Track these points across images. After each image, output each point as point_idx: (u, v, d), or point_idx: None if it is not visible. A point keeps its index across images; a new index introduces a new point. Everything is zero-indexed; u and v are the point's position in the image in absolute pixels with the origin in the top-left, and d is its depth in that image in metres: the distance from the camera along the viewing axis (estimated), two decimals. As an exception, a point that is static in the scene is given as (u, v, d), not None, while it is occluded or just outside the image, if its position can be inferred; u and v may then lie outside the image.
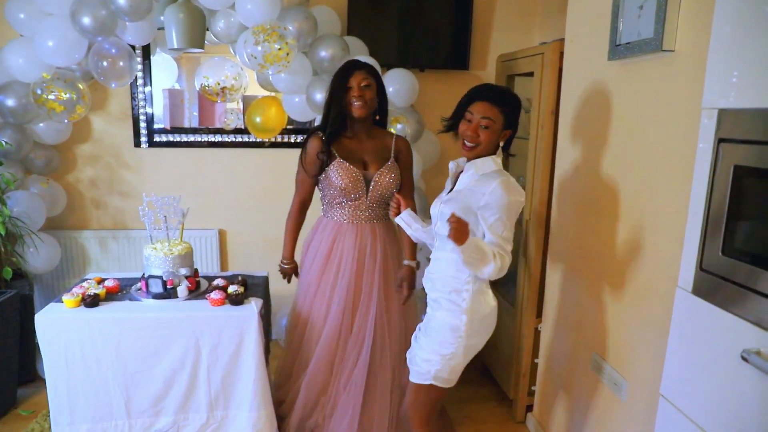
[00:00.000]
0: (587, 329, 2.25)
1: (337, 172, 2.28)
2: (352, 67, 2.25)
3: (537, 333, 2.75)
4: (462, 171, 1.94)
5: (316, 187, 2.40)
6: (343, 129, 2.31)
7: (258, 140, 3.41)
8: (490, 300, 1.94)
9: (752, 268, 1.18)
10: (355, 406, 2.32)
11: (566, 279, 2.43)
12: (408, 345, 2.27)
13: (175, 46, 2.38)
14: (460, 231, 1.67)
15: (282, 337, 3.10)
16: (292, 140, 3.43)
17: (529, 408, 2.87)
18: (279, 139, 3.41)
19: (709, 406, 1.25)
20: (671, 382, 1.40)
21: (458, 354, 1.89)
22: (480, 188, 1.81)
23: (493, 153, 1.87)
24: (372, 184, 2.31)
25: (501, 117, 1.82)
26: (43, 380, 3.07)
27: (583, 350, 2.27)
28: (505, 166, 1.98)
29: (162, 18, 2.71)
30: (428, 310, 2.01)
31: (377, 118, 2.38)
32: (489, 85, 1.91)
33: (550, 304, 2.58)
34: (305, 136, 2.37)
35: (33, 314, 3.10)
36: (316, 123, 3.04)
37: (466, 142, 1.86)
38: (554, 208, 2.54)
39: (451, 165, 1.99)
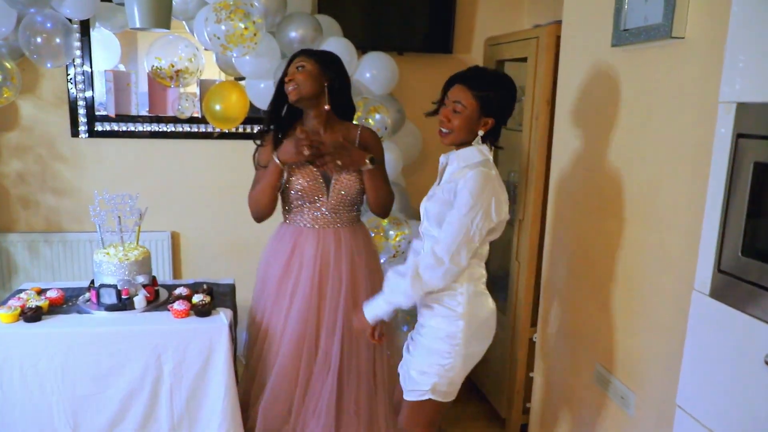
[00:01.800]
0: (589, 338, 2.35)
1: (292, 171, 2.32)
2: (294, 55, 2.33)
3: (532, 344, 2.85)
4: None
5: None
6: (292, 122, 2.37)
7: (217, 130, 3.41)
8: (489, 302, 2.01)
9: (774, 268, 1.28)
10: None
11: (565, 284, 2.54)
12: (386, 358, 2.33)
13: (138, 26, 2.38)
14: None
15: (244, 353, 3.11)
16: (255, 130, 3.44)
17: (524, 428, 2.97)
18: (240, 130, 3.43)
19: (731, 414, 1.35)
20: (688, 392, 1.50)
21: (457, 364, 1.95)
22: (457, 181, 1.88)
23: (471, 142, 1.93)
24: (332, 182, 2.33)
25: (474, 102, 1.87)
26: (-34, 408, 3.02)
27: (585, 362, 2.38)
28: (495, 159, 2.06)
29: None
30: (419, 318, 2.07)
31: (327, 107, 2.31)
32: (473, 67, 1.98)
33: (547, 311, 2.68)
34: (258, 133, 2.43)
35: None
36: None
37: (439, 128, 1.94)
38: (551, 205, 2.64)
39: (442, 158, 2.06)
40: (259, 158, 2.40)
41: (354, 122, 2.49)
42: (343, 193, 2.34)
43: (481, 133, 1.91)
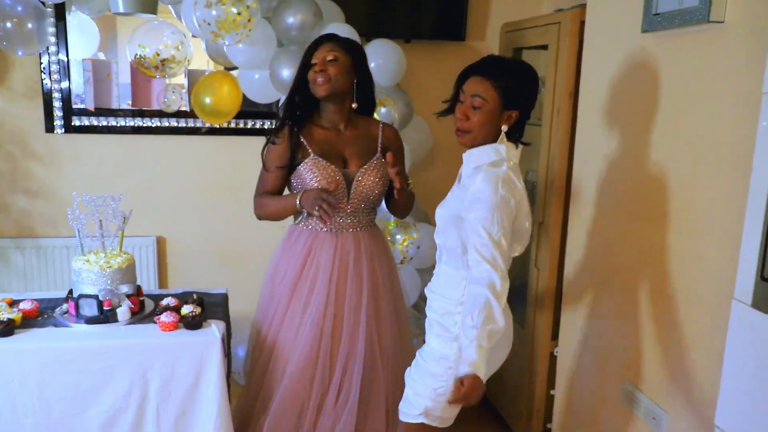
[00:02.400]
0: (616, 353, 2.36)
1: (312, 172, 2.33)
2: (320, 40, 2.35)
3: (553, 359, 2.86)
4: None
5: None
6: (309, 114, 2.39)
7: (207, 125, 3.43)
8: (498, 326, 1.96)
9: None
10: None
11: (589, 293, 2.54)
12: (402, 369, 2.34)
13: (121, 11, 2.39)
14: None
15: (237, 370, 3.12)
16: (249, 126, 3.47)
17: (544, 450, 2.98)
18: (232, 125, 3.45)
19: (777, 436, 1.36)
20: (728, 411, 1.50)
21: (449, 389, 1.90)
22: (468, 186, 1.90)
23: (494, 140, 1.93)
24: (354, 184, 2.37)
25: (495, 95, 1.86)
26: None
27: (612, 378, 2.38)
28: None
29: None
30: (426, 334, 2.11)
31: (354, 105, 2.39)
32: (489, 57, 1.97)
33: (570, 323, 2.69)
34: (273, 129, 2.43)
35: None
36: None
37: (457, 127, 1.94)
38: (573, 207, 2.65)
39: (465, 156, 2.07)
40: (269, 158, 2.40)
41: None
42: (363, 195, 2.38)
43: (505, 128, 1.91)
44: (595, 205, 2.49)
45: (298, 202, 2.30)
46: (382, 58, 3.04)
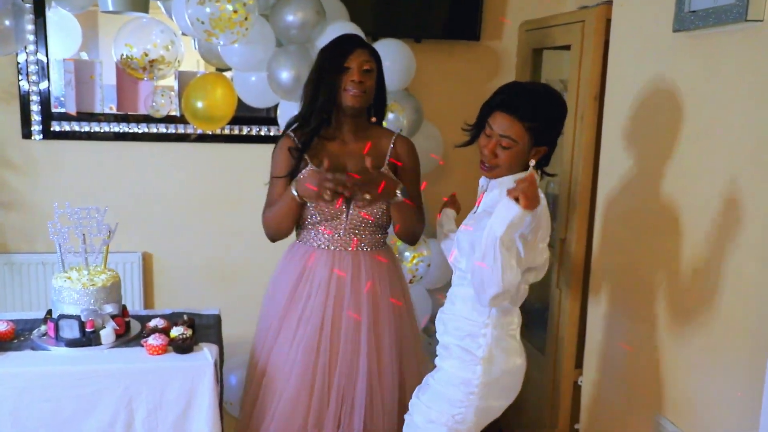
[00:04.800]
0: (647, 383, 2.36)
1: (310, 183, 2.33)
2: (353, 43, 2.36)
3: (577, 389, 2.86)
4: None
5: None
6: (327, 123, 2.39)
7: (199, 132, 3.46)
8: (516, 355, 2.07)
9: None
10: None
11: (617, 317, 2.55)
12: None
13: (111, 9, 2.43)
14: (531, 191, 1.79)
15: (230, 400, 3.13)
16: (244, 132, 3.49)
17: (567, 490, 2.97)
18: (227, 131, 3.47)
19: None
20: (772, 444, 1.51)
21: (468, 417, 2.00)
22: None
23: (520, 171, 2.01)
24: (353, 201, 2.35)
25: (526, 135, 1.94)
26: None
27: (642, 410, 2.38)
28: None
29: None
30: (437, 359, 2.14)
31: (373, 120, 2.45)
32: (516, 88, 2.03)
33: (595, 350, 2.70)
34: (280, 137, 2.46)
35: None
36: (281, 110, 3.11)
37: (482, 161, 2.01)
38: (599, 222, 2.66)
39: (482, 181, 2.14)
40: (274, 164, 2.43)
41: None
42: (365, 213, 2.38)
43: (532, 162, 2.00)
44: (623, 218, 2.50)
45: (295, 193, 2.29)
46: (390, 59, 3.05)
